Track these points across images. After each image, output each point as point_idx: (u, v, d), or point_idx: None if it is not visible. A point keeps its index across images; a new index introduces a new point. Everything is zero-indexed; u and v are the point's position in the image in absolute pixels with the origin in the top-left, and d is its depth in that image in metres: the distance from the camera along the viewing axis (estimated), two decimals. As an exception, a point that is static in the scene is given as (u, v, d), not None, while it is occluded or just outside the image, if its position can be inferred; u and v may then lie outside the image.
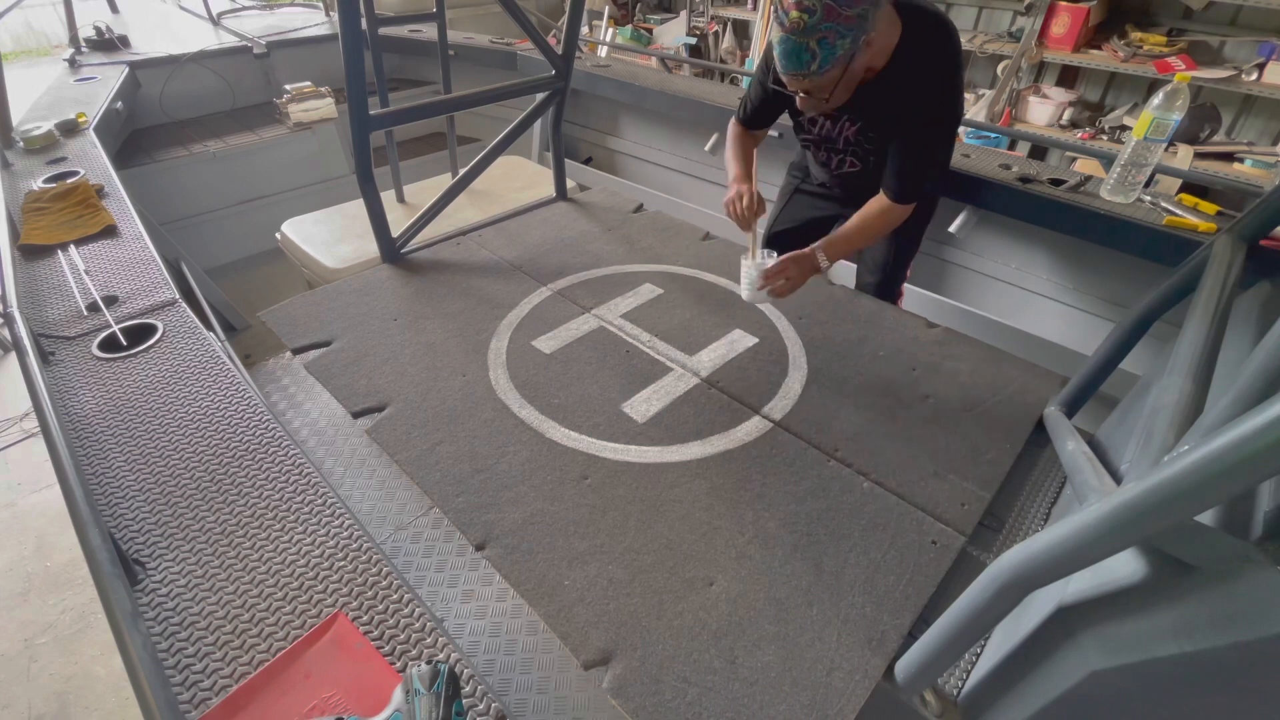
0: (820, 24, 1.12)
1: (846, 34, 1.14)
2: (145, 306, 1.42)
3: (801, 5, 1.12)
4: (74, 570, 2.03)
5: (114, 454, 1.09)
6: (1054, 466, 1.26)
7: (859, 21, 1.14)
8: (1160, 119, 1.60)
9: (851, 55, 1.18)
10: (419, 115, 1.83)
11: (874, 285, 1.78)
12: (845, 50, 1.16)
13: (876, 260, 1.77)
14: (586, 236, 1.98)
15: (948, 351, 1.48)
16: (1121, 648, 0.63)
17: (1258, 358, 0.72)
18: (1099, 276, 2.00)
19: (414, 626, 0.88)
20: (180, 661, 0.83)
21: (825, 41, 1.14)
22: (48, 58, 7.48)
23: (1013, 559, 0.66)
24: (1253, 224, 1.07)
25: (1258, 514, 0.67)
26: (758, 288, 1.39)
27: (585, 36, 4.56)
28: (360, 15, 1.42)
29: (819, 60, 1.16)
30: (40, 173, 1.93)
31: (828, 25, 1.12)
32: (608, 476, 1.18)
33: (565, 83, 1.97)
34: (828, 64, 1.17)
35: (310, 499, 1.04)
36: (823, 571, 1.02)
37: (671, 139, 3.03)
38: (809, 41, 1.14)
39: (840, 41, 1.14)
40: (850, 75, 1.23)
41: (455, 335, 1.53)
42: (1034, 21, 3.44)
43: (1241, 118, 3.29)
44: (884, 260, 1.75)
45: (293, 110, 3.03)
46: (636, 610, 0.96)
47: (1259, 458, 0.46)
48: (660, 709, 0.85)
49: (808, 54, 1.15)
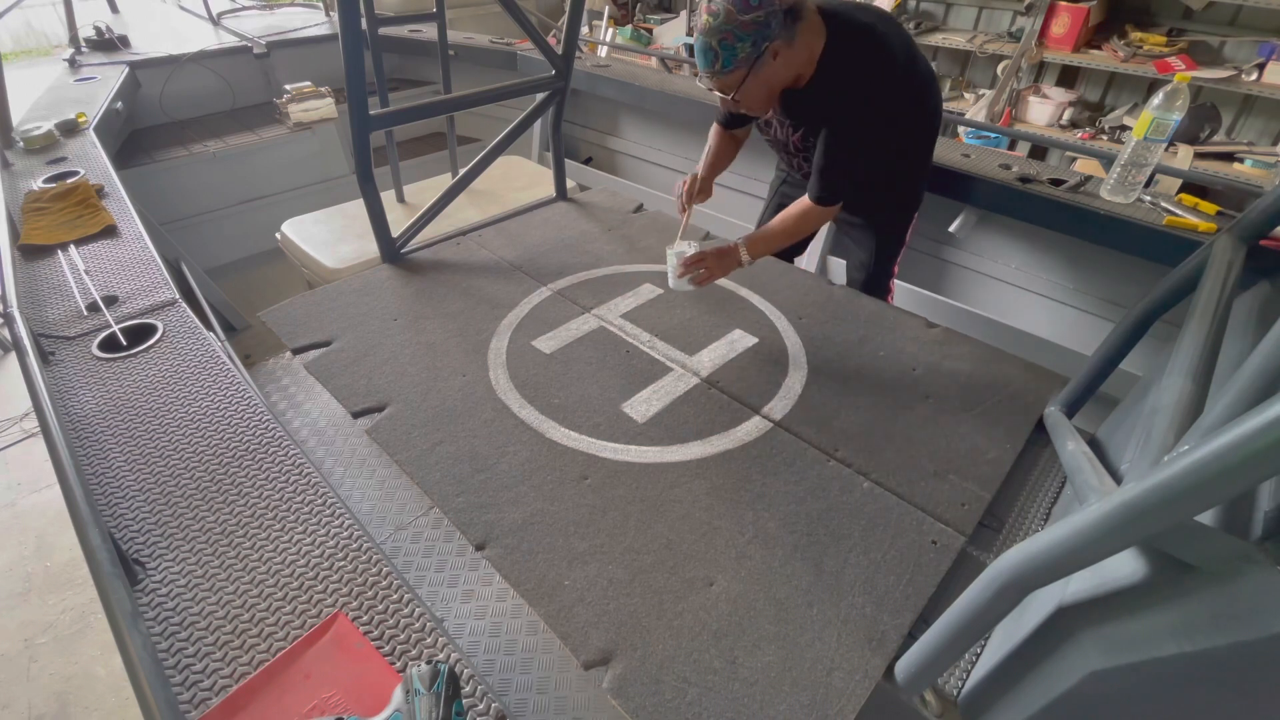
0: (721, 26, 1.23)
1: (745, 38, 1.24)
2: (145, 306, 1.42)
3: (709, 9, 1.25)
4: (74, 570, 2.03)
5: (114, 454, 1.09)
6: (1054, 466, 1.26)
7: (757, 28, 1.23)
8: (1160, 119, 1.60)
9: (754, 59, 1.27)
10: (419, 115, 1.83)
11: (861, 281, 1.82)
12: (745, 54, 1.26)
13: (860, 258, 1.81)
14: (586, 236, 1.98)
15: (948, 351, 1.48)
16: (1121, 648, 0.63)
17: (1257, 358, 0.72)
18: (1099, 276, 2.00)
19: (414, 626, 0.88)
20: (180, 661, 0.83)
21: (725, 43, 1.25)
22: (48, 58, 7.48)
23: (1013, 559, 0.66)
24: (1253, 224, 1.07)
25: (1258, 514, 0.68)
26: (678, 275, 1.47)
27: (585, 36, 4.56)
28: (360, 15, 1.42)
29: (721, 60, 1.27)
30: (40, 173, 1.93)
31: (727, 28, 1.23)
32: (608, 476, 1.18)
33: (565, 83, 1.97)
34: (729, 65, 1.27)
35: (310, 499, 1.04)
36: (823, 571, 1.02)
37: (671, 139, 3.03)
38: (711, 41, 1.25)
39: (739, 45, 1.24)
40: (760, 80, 1.31)
41: (455, 335, 1.53)
42: (1034, 21, 3.44)
43: (1241, 118, 3.29)
44: (867, 258, 1.79)
45: (293, 110, 3.03)
46: (636, 610, 0.96)
47: (1259, 458, 0.46)
48: (660, 709, 0.85)
49: (711, 53, 1.27)
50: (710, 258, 1.46)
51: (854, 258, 1.85)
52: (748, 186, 2.78)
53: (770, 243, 1.52)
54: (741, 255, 1.48)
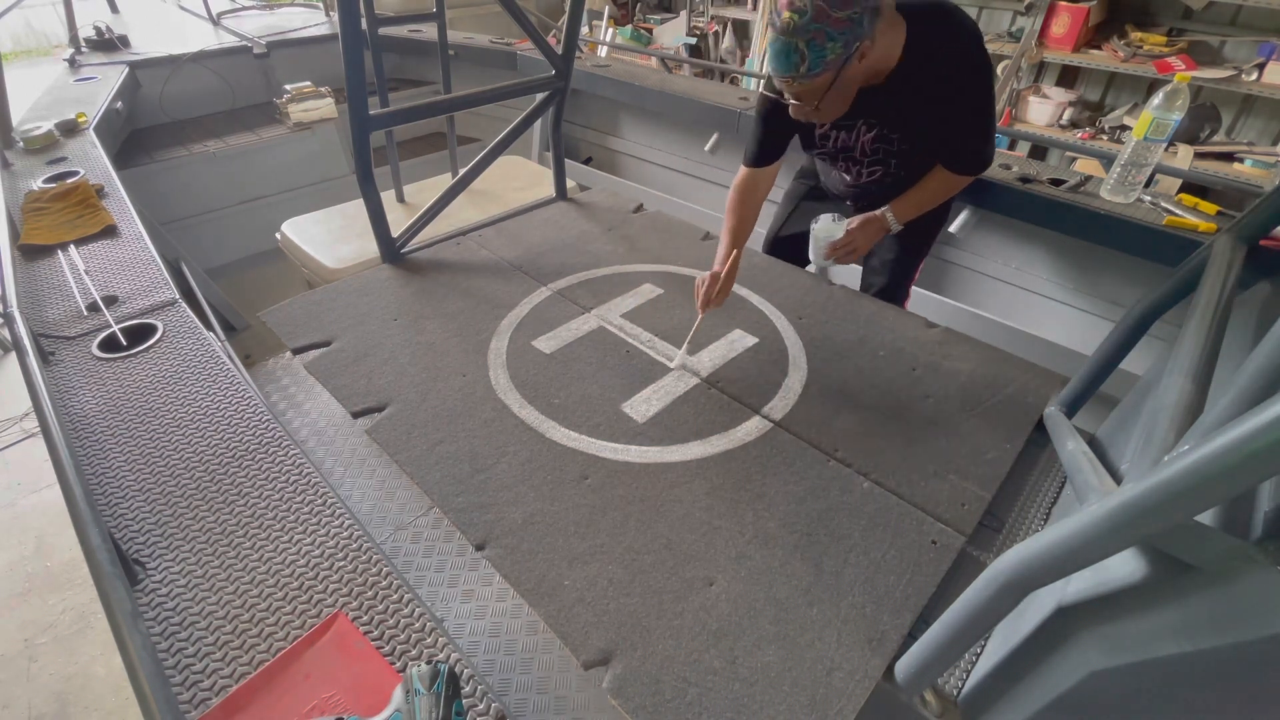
0: (810, 24, 1.13)
1: (837, 37, 1.14)
2: (145, 306, 1.42)
3: (793, 5, 1.13)
4: (74, 570, 2.03)
5: (114, 454, 1.09)
6: (1054, 466, 1.26)
7: (850, 25, 1.14)
8: (1160, 119, 1.60)
9: (844, 60, 1.18)
10: (419, 115, 1.83)
11: (880, 287, 1.76)
12: (836, 55, 1.16)
13: (885, 261, 1.76)
14: (586, 236, 1.98)
15: (948, 351, 1.48)
16: (1121, 648, 0.63)
17: (1258, 358, 0.72)
18: (1099, 276, 2.00)
19: (414, 626, 0.88)
20: (180, 661, 0.83)
21: (814, 43, 1.15)
22: (48, 58, 7.48)
23: (1013, 559, 0.66)
24: (1253, 224, 1.07)
25: (1258, 514, 0.67)
26: (825, 256, 1.53)
27: (585, 36, 4.56)
28: (360, 15, 1.42)
29: (808, 62, 1.17)
30: (40, 173, 1.93)
31: (816, 26, 1.13)
32: (608, 476, 1.18)
33: (565, 83, 1.97)
34: (817, 67, 1.17)
35: (310, 499, 1.04)
36: (823, 571, 1.02)
37: (671, 139, 3.03)
38: (797, 42, 1.15)
39: (830, 45, 1.15)
40: (844, 82, 1.24)
41: (455, 335, 1.53)
42: (1034, 21, 3.44)
43: (1241, 118, 3.29)
44: (892, 262, 1.74)
45: (293, 110, 3.03)
46: (636, 610, 0.96)
47: (1259, 458, 0.46)
48: (660, 709, 0.85)
49: (796, 55, 1.16)
50: (858, 234, 1.49)
51: (875, 262, 1.79)
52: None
53: (919, 207, 1.53)
54: (890, 223, 1.51)
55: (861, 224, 1.47)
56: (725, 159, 2.85)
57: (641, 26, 5.42)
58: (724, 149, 2.80)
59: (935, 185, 1.51)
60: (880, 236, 1.51)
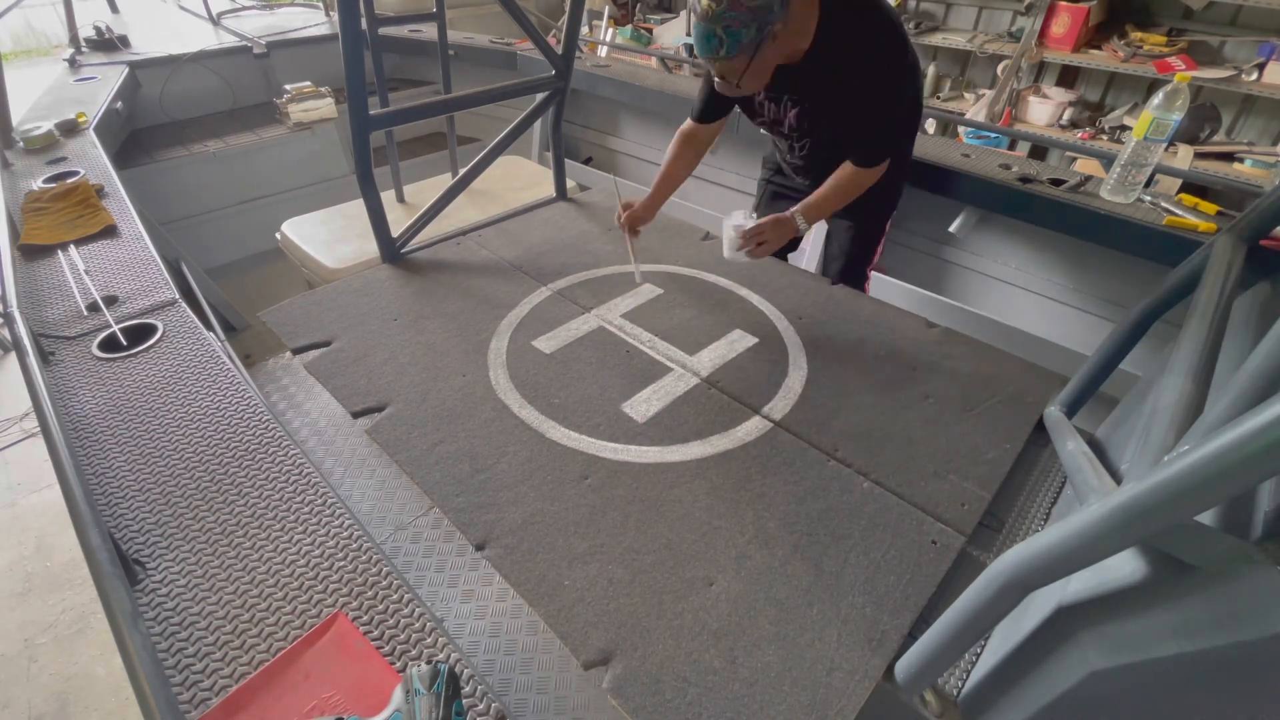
0: (725, 12, 1.23)
1: (750, 22, 1.24)
2: (145, 306, 1.42)
3: None
4: (74, 570, 2.03)
5: (114, 454, 1.09)
6: (1054, 466, 1.26)
7: (761, 11, 1.24)
8: (1160, 119, 1.60)
9: (758, 43, 1.28)
10: (419, 115, 1.83)
11: (839, 271, 1.84)
12: (750, 38, 1.26)
13: (841, 245, 1.83)
14: (586, 236, 1.98)
15: (948, 351, 1.48)
16: (1121, 648, 0.63)
17: (1258, 358, 0.72)
18: (1099, 276, 2.00)
19: (414, 626, 0.88)
20: (180, 661, 0.83)
21: (730, 29, 1.25)
22: (48, 58, 7.49)
23: (1013, 559, 0.66)
24: (1253, 224, 1.07)
25: (1258, 514, 0.68)
26: (737, 248, 1.52)
27: (585, 36, 4.56)
28: (360, 15, 1.42)
29: (726, 46, 1.27)
30: (40, 173, 1.93)
31: (732, 14, 1.23)
32: (608, 476, 1.18)
33: (565, 83, 1.97)
34: (734, 50, 1.27)
35: (310, 499, 1.04)
36: (823, 571, 1.02)
37: (671, 139, 3.02)
38: (715, 28, 1.25)
39: (744, 30, 1.25)
40: (762, 61, 1.32)
41: (455, 335, 1.53)
42: (1034, 21, 3.44)
43: (1241, 118, 3.29)
44: (848, 246, 1.81)
45: (293, 110, 3.04)
46: (636, 610, 0.96)
47: (1259, 458, 0.46)
48: (660, 709, 0.85)
49: (715, 39, 1.26)
50: (769, 229, 1.51)
51: (833, 246, 1.87)
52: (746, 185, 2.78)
53: (824, 208, 1.56)
54: (799, 224, 1.52)
55: (772, 221, 1.51)
56: (725, 159, 2.85)
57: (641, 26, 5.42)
58: (724, 149, 2.80)
59: (839, 183, 1.54)
60: (790, 235, 1.53)
